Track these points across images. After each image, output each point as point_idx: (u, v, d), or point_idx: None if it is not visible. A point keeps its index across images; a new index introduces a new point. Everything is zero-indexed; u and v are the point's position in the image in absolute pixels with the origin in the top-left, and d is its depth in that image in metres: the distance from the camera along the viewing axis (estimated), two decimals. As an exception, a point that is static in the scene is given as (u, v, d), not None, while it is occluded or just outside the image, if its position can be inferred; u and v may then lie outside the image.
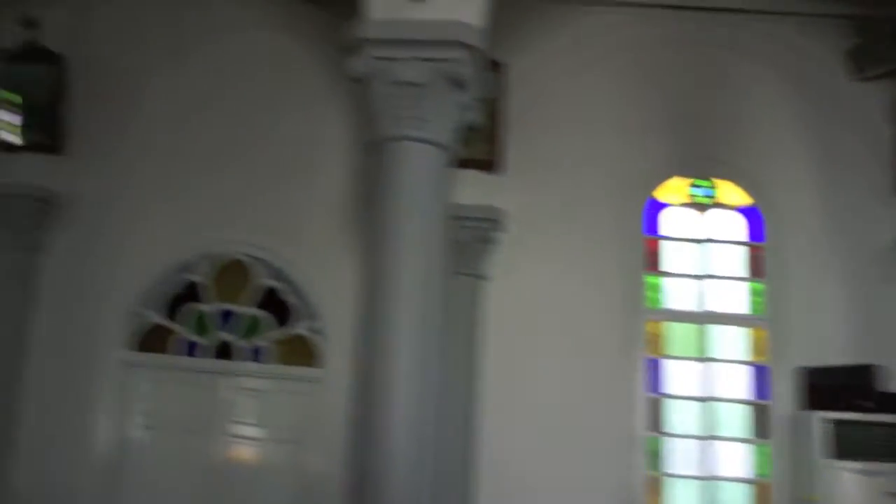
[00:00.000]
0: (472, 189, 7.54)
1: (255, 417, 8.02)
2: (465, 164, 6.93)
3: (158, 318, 8.24)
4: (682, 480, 7.67)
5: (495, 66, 7.41)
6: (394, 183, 5.21)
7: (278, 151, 8.32)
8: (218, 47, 8.61)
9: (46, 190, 8.31)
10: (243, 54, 8.57)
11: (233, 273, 8.23)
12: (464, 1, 5.44)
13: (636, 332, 7.87)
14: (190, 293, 8.26)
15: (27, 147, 8.30)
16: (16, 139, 8.30)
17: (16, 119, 8.28)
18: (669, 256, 8.19)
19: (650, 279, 8.08)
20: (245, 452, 7.98)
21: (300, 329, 8.04)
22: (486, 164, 7.79)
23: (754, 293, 8.05)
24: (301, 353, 8.02)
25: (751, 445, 7.73)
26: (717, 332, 8.01)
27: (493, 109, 7.60)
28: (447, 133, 5.37)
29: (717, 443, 7.72)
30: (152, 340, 8.22)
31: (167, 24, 8.74)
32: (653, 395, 7.78)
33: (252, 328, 8.11)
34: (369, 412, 4.99)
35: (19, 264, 8.28)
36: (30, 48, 8.32)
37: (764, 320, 7.92)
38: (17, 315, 8.19)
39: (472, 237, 7.71)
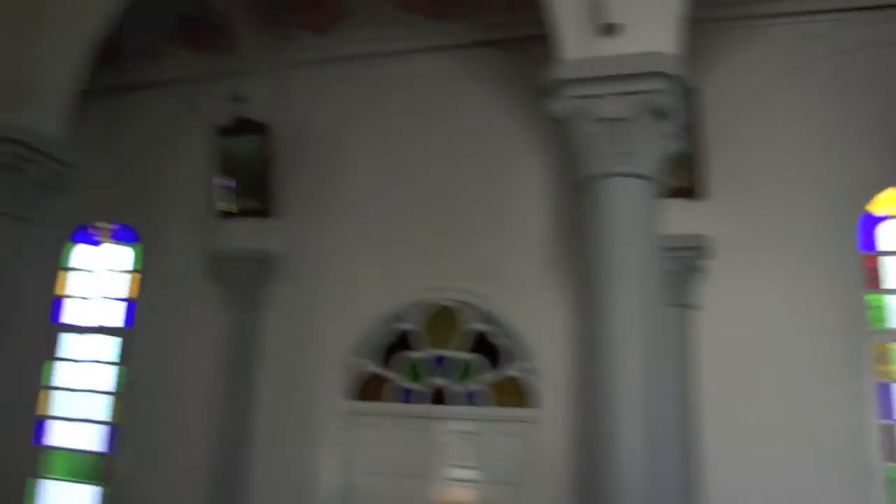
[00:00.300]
0: (676, 218, 7.39)
1: (472, 460, 8.11)
2: (667, 193, 6.81)
3: (374, 367, 8.56)
4: (929, 512, 7.09)
5: (688, 91, 7.29)
6: (604, 219, 5.21)
7: (478, 196, 8.49)
8: (413, 101, 8.95)
9: (262, 252, 8.90)
10: (439, 104, 8.85)
11: (442, 319, 8.44)
12: (658, 30, 5.42)
13: (862, 354, 7.35)
14: (402, 341, 8.53)
15: (242, 213, 8.91)
16: (231, 207, 8.91)
17: (231, 188, 8.89)
18: (892, 272, 7.68)
19: (872, 298, 7.59)
20: (464, 495, 8.06)
21: (512, 370, 8.10)
22: (688, 192, 7.63)
23: None
24: (515, 394, 8.07)
25: None
26: (954, 349, 7.41)
27: (690, 135, 7.45)
28: (653, 165, 5.33)
29: (971, 472, 7.08)
30: (370, 389, 8.55)
31: (361, 86, 9.18)
32: (887, 421, 7.26)
33: (465, 372, 8.25)
34: (596, 450, 4.96)
35: (242, 322, 8.88)
36: (239, 121, 8.94)
37: None
38: (244, 370, 8.76)
39: (679, 267, 7.54)
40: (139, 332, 9.62)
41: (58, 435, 9.86)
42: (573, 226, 7.90)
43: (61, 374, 10.02)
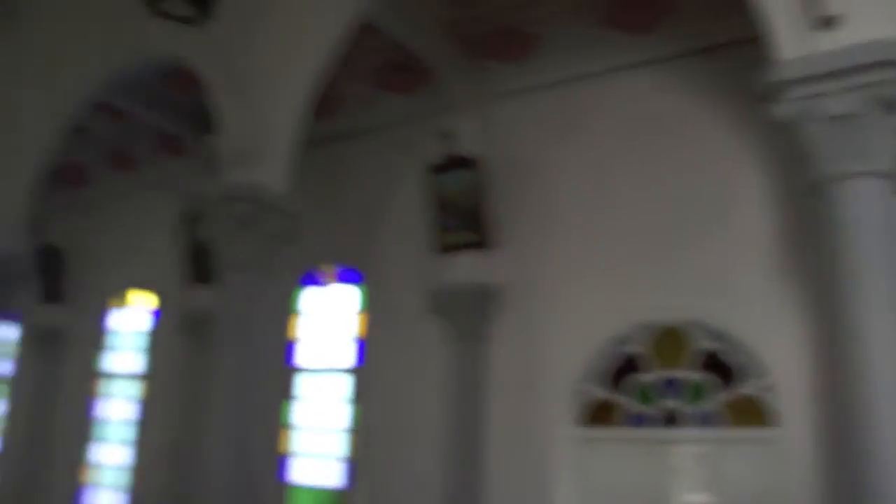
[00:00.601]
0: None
1: (709, 484, 7.77)
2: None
3: (603, 393, 8.41)
4: None
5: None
6: (842, 222, 4.91)
7: (697, 210, 8.21)
8: (619, 120, 8.84)
9: (482, 284, 9.05)
10: (646, 121, 8.68)
11: (670, 339, 8.19)
12: (879, 15, 5.09)
13: None
14: (630, 365, 8.34)
15: (460, 247, 9.10)
16: (449, 241, 9.14)
17: (447, 223, 9.11)
18: None
19: None
20: (703, 521, 7.77)
21: (747, 389, 7.72)
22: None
23: None
24: (752, 413, 7.67)
25: None
26: None
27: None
28: (891, 161, 4.97)
29: None
30: (600, 414, 8.40)
31: (566, 110, 9.18)
32: None
33: (697, 393, 7.95)
34: (850, 470, 4.65)
35: (468, 355, 9.04)
36: (450, 158, 9.17)
37: None
38: (472, 402, 8.90)
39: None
40: (369, 369, 9.99)
41: (300, 472, 10.37)
42: (803, 232, 7.45)
43: (299, 413, 10.56)
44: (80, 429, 13.58)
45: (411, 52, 9.22)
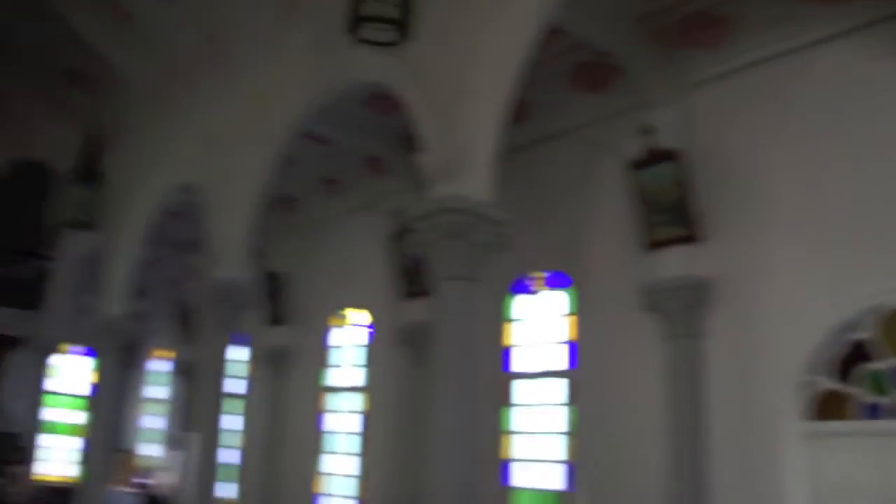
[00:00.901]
0: None
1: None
2: None
3: (831, 384, 7.99)
4: None
5: None
6: None
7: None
8: (824, 95, 8.35)
9: (694, 278, 8.85)
10: (853, 93, 8.14)
11: (900, 323, 7.67)
12: None
13: None
14: (859, 353, 7.85)
15: (668, 242, 8.98)
16: (656, 237, 9.07)
17: (653, 219, 9.01)
18: None
19: None
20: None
21: None
22: None
23: None
24: None
25: None
26: None
27: None
28: None
29: None
30: (829, 407, 7.97)
31: (767, 92, 8.79)
32: None
33: (947, 380, 7.40)
34: None
35: (682, 351, 8.86)
36: (650, 152, 9.07)
37: None
38: (691, 399, 8.71)
39: None
40: (583, 371, 10.01)
41: (521, 476, 10.51)
42: None
43: (517, 418, 10.71)
44: (310, 441, 14.40)
45: (600, 50, 9.18)
